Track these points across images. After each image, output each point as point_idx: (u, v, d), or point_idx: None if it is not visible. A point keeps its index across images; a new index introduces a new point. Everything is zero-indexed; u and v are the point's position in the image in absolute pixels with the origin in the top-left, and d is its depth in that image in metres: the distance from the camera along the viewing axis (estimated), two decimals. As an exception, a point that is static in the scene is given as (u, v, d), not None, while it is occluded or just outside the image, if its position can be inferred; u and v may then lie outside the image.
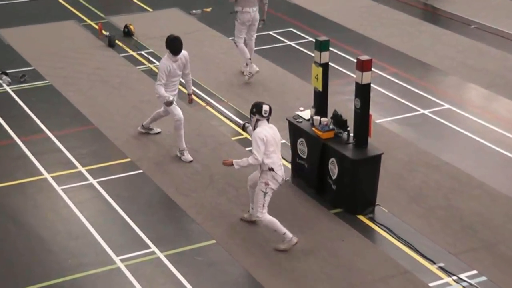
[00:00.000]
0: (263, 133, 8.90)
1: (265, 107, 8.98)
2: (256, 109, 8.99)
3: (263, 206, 9.03)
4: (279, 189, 9.29)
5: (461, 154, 11.55)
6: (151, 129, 11.84)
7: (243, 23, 13.58)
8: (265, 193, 9.02)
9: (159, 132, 11.86)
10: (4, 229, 9.66)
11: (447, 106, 13.09)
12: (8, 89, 13.60)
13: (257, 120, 9.00)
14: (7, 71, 14.07)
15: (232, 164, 9.05)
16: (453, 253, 9.24)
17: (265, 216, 9.06)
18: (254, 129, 9.04)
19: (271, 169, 8.93)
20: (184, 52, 10.94)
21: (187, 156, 11.14)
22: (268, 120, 9.04)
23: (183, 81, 11.38)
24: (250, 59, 13.74)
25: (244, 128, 9.51)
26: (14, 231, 9.63)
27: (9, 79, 13.84)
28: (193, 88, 11.62)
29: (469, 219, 9.91)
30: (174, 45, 10.75)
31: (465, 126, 12.39)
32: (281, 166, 9.05)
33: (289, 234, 9.08)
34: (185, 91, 11.58)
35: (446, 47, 15.64)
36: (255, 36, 13.95)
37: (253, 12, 13.50)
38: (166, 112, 11.30)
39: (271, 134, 8.96)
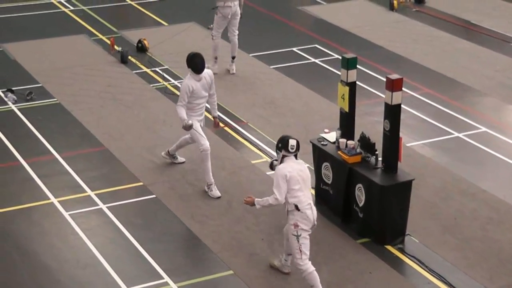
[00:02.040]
0: (286, 170, 8.60)
1: (292, 142, 8.65)
2: (282, 144, 8.68)
3: (301, 251, 8.63)
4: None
5: (500, 181, 11.54)
6: (176, 158, 11.77)
7: (224, 18, 14.67)
8: (297, 236, 8.64)
9: (183, 162, 11.81)
10: (8, 257, 9.78)
11: (484, 129, 13.10)
12: (13, 107, 13.80)
13: (283, 156, 8.70)
14: (13, 89, 14.27)
15: (254, 204, 8.84)
16: (490, 289, 9.24)
17: (307, 266, 8.66)
18: (279, 165, 8.78)
19: (297, 207, 8.62)
20: (208, 71, 10.91)
21: (215, 192, 10.95)
22: (296, 156, 8.78)
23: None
24: (234, 57, 15.00)
25: (272, 166, 9.18)
26: (18, 259, 9.74)
27: (14, 97, 14.03)
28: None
29: (509, 252, 9.89)
30: (195, 62, 10.70)
31: (504, 151, 12.38)
32: (310, 205, 8.71)
33: None
34: (210, 115, 11.49)
35: (484, 65, 15.67)
36: (237, 32, 14.91)
37: (234, 7, 14.65)
38: (192, 139, 11.17)
39: (296, 170, 8.64)
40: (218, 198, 10.92)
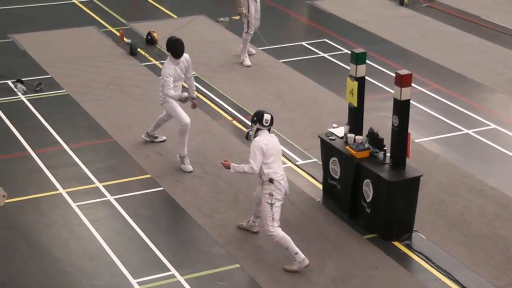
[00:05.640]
0: (262, 142, 9.16)
1: (267, 116, 9.23)
2: (257, 117, 9.25)
3: (273, 219, 9.16)
4: (297, 205, 9.27)
5: (508, 178, 11.49)
6: (156, 137, 12.16)
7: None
8: (271, 204, 9.17)
9: (164, 140, 12.12)
10: (15, 248, 9.78)
11: (493, 125, 13.04)
12: (23, 98, 13.80)
13: (258, 130, 9.27)
14: (22, 79, 14.28)
15: (230, 167, 9.30)
16: (498, 286, 9.18)
17: (278, 231, 9.17)
18: (254, 138, 9.30)
19: (271, 180, 9.13)
20: (185, 55, 11.29)
21: (187, 165, 11.38)
22: (269, 130, 9.30)
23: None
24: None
25: (248, 136, 9.64)
26: (25, 250, 9.74)
27: (24, 88, 14.04)
28: (208, 95, 11.64)
29: (515, 249, 9.86)
30: (175, 48, 11.13)
31: (513, 148, 12.34)
32: (283, 176, 9.27)
33: (301, 255, 9.19)
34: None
35: (493, 61, 15.59)
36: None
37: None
38: (168, 116, 11.65)
39: (271, 143, 9.22)
40: (190, 172, 11.28)
